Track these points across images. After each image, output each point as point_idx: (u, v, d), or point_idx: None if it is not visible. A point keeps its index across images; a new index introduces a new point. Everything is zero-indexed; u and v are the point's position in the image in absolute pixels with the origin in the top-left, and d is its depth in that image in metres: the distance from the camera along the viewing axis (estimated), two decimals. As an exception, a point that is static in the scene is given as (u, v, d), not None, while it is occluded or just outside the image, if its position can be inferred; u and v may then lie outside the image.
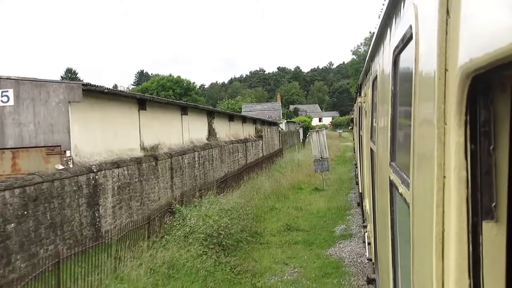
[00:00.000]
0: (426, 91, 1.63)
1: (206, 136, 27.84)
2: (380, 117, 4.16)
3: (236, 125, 36.27)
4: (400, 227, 2.81)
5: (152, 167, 18.38)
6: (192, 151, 23.56)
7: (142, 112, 18.79)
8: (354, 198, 21.59)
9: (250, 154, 38.59)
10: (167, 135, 21.50)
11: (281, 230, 16.54)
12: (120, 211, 15.70)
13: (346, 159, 43.02)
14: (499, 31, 0.94)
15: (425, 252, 1.59)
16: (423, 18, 1.76)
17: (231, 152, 31.85)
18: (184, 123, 24.01)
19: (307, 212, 19.80)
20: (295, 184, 26.53)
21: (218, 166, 28.33)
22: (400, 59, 2.66)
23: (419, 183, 1.81)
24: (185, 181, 22.30)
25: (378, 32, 4.13)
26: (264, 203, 20.57)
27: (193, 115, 25.65)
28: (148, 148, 18.93)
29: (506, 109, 1.20)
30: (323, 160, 25.76)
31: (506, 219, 1.20)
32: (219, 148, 28.69)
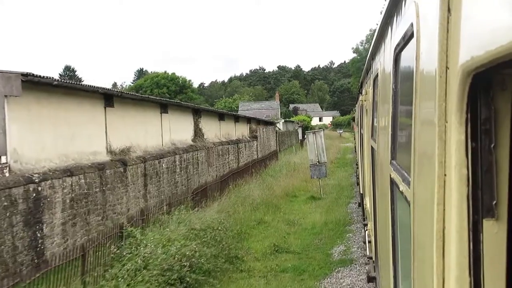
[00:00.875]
0: (427, 89, 1.64)
1: (191, 137, 25.20)
2: (381, 115, 4.16)
3: (228, 124, 33.43)
4: (401, 225, 2.81)
5: (119, 174, 15.74)
6: (173, 154, 20.87)
7: (109, 110, 16.17)
8: (355, 209, 19.14)
9: (243, 156, 35.56)
10: (143, 136, 19.00)
11: (267, 253, 13.79)
12: (74, 228, 13.01)
13: (346, 162, 39.92)
14: (500, 29, 0.94)
15: (425, 250, 1.60)
16: (424, 16, 1.76)
17: (220, 154, 29.04)
18: (164, 122, 21.40)
19: (300, 227, 16.94)
20: (289, 191, 23.89)
21: (204, 170, 25.50)
22: (401, 57, 2.66)
23: (419, 181, 1.81)
24: (162, 188, 19.61)
25: (379, 30, 4.13)
26: (250, 216, 17.81)
27: (176, 113, 22.93)
28: (117, 151, 16.47)
29: (506, 107, 1.21)
30: (321, 165, 22.87)
31: (507, 217, 1.20)
32: (206, 150, 25.91)
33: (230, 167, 30.50)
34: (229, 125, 33.88)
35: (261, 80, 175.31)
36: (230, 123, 34.11)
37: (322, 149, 23.19)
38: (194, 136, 25.51)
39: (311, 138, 23.42)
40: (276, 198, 21.60)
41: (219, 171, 28.03)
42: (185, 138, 24.10)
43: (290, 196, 23.20)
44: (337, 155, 45.85)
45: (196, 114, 26.16)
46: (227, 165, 30.48)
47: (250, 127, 40.94)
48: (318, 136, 23.16)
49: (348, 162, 39.96)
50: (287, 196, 22.98)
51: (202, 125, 26.56)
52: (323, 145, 23.32)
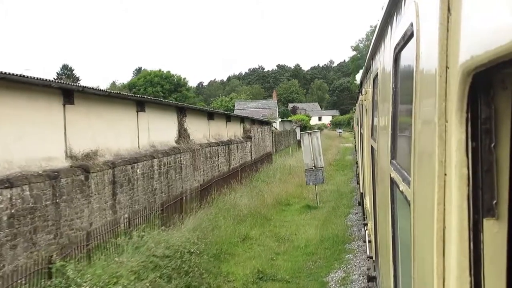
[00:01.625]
0: (427, 89, 1.64)
1: (175, 138, 22.99)
2: (381, 115, 4.17)
3: (218, 124, 31.04)
4: (401, 224, 2.82)
5: (79, 183, 13.38)
6: (150, 158, 18.64)
7: (70, 108, 13.85)
8: (356, 221, 16.87)
9: (235, 158, 33.20)
10: (114, 138, 16.71)
11: (249, 281, 11.33)
12: (14, 251, 10.67)
13: (346, 164, 37.27)
14: (500, 28, 0.95)
15: (426, 249, 1.60)
16: (424, 15, 1.76)
17: (208, 157, 26.69)
18: (142, 122, 19.16)
19: (291, 245, 14.31)
20: (282, 199, 21.43)
21: (189, 174, 23.15)
22: (401, 56, 2.66)
23: (420, 180, 1.81)
24: (137, 197, 17.27)
25: (379, 29, 4.14)
26: (234, 231, 15.13)
27: (155, 112, 20.73)
28: (80, 156, 14.21)
29: (507, 107, 1.21)
30: (317, 169, 20.45)
31: (507, 216, 1.20)
32: (192, 153, 23.59)
33: (220, 171, 28.18)
34: (220, 125, 31.61)
35: (260, 79, 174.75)
36: (220, 123, 31.87)
37: (319, 152, 20.69)
38: (178, 137, 23.34)
39: (306, 139, 20.98)
40: (266, 207, 19.16)
41: (207, 175, 25.86)
42: (167, 140, 21.89)
43: (283, 204, 20.80)
44: (336, 156, 43.34)
45: (181, 113, 23.92)
46: (216, 169, 28.18)
47: (243, 127, 38.80)
48: (314, 138, 20.66)
49: (347, 164, 37.53)
50: (280, 204, 20.59)
51: (188, 125, 24.40)
52: (319, 148, 20.82)
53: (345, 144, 59.54)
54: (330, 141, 59.45)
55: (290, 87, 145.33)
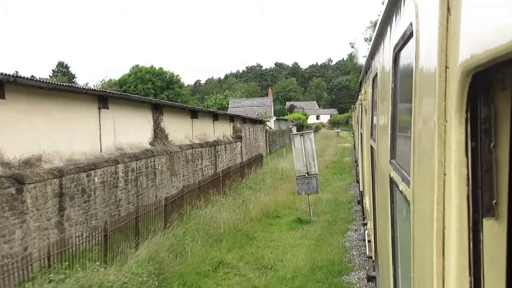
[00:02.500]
0: (426, 89, 1.64)
1: (149, 139, 20.29)
2: (380, 114, 4.16)
3: (204, 123, 28.31)
4: (401, 224, 2.81)
5: (8, 198, 10.80)
6: (113, 163, 15.88)
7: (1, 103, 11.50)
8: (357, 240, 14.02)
9: (223, 160, 30.43)
10: (66, 140, 14.06)
11: None
12: None
13: (344, 167, 33.50)
14: (499, 28, 0.95)
15: (425, 249, 1.60)
16: (424, 15, 1.76)
17: (190, 160, 24.01)
18: (105, 120, 16.44)
19: (275, 275, 11.35)
20: (271, 210, 18.14)
21: (165, 181, 20.59)
22: (401, 56, 2.66)
23: (419, 180, 1.81)
24: (94, 211, 14.57)
25: (378, 29, 4.14)
26: (206, 255, 12.29)
27: (123, 109, 18.02)
28: (16, 163, 11.70)
29: (506, 107, 1.21)
30: (310, 177, 17.51)
31: (507, 216, 1.21)
32: (169, 156, 20.93)
33: (204, 175, 25.50)
34: (206, 124, 28.92)
35: (257, 77, 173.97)
36: (206, 122, 29.11)
37: (313, 157, 17.74)
38: (153, 138, 20.69)
39: (297, 142, 17.87)
40: (250, 222, 16.18)
41: (188, 180, 23.26)
42: (140, 141, 19.22)
43: (271, 217, 17.69)
44: (333, 157, 39.68)
45: (157, 111, 21.31)
46: (199, 173, 25.49)
47: (233, 126, 36.02)
48: (307, 140, 17.72)
49: (346, 167, 33.65)
50: (267, 217, 17.54)
51: (165, 124, 21.76)
52: (313, 151, 17.85)
53: (343, 144, 56.56)
54: (328, 141, 57.21)
55: (288, 85, 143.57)
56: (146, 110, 20.54)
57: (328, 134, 74.85)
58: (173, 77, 79.79)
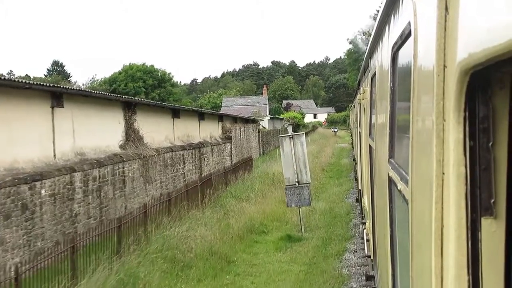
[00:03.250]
0: (424, 88, 1.64)
1: (120, 142, 18.01)
2: (379, 114, 4.17)
3: (187, 123, 26.01)
4: (399, 223, 2.81)
5: None
6: (68, 171, 13.51)
7: None
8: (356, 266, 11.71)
9: (209, 163, 28.14)
10: (6, 145, 11.86)
11: None
12: None
13: (341, 170, 30.45)
14: (497, 27, 0.95)
15: (424, 248, 1.60)
16: (422, 14, 1.76)
17: (169, 164, 21.72)
18: (61, 121, 14.10)
19: None
20: (257, 224, 15.79)
21: (138, 189, 18.24)
22: (399, 55, 2.66)
23: (418, 179, 1.82)
24: (40, 230, 12.27)
25: (377, 28, 4.14)
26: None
27: (85, 108, 15.66)
28: None
29: (504, 106, 1.21)
30: (302, 187, 15.08)
31: (505, 215, 1.20)
32: (142, 161, 18.59)
33: (187, 180, 23.17)
34: (190, 124, 26.62)
35: (254, 76, 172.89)
36: (190, 122, 26.87)
37: (304, 163, 15.31)
38: (125, 141, 18.36)
39: (286, 145, 15.38)
40: (230, 241, 13.65)
41: (167, 187, 20.97)
42: (107, 144, 16.96)
43: (256, 232, 15.27)
44: (330, 159, 36.83)
45: (129, 110, 18.96)
46: (181, 178, 23.19)
47: (222, 126, 33.78)
48: (297, 143, 15.28)
49: (343, 169, 30.63)
50: (252, 232, 15.12)
51: (140, 124, 19.49)
52: (305, 157, 15.38)
53: (341, 144, 54.09)
54: (324, 141, 55.33)
55: (284, 83, 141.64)
56: (116, 109, 18.15)
57: (325, 134, 73.65)
58: (165, 75, 77.60)
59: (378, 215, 4.57)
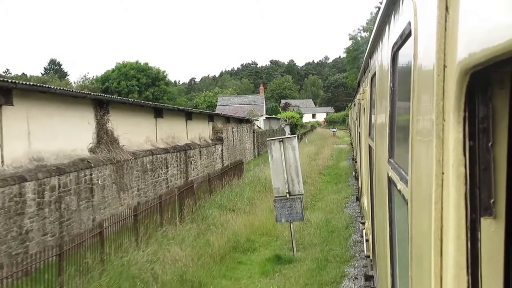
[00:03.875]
0: (424, 88, 1.64)
1: (89, 145, 15.97)
2: (379, 114, 4.17)
3: (172, 123, 23.99)
4: (398, 223, 2.82)
5: None
6: (17, 181, 11.43)
7: None
8: None
9: (197, 167, 25.86)
10: None
11: None
12: None
13: (340, 174, 28.01)
14: (497, 27, 0.95)
15: (423, 248, 1.60)
16: (422, 14, 1.76)
17: (149, 169, 19.45)
18: (10, 122, 12.07)
19: None
20: (242, 240, 13.68)
21: (109, 198, 16.04)
22: (399, 55, 2.66)
23: (417, 179, 1.81)
24: None
25: (377, 28, 4.15)
26: None
27: (44, 106, 13.62)
28: None
29: (504, 106, 1.21)
30: (293, 199, 12.85)
31: (505, 215, 1.21)
32: (115, 166, 16.53)
33: (170, 186, 21.02)
34: (175, 125, 24.61)
35: (252, 75, 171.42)
36: (176, 122, 24.80)
37: (296, 171, 12.98)
38: (96, 144, 16.34)
39: (276, 150, 13.10)
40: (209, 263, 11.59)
41: (146, 195, 18.82)
42: (73, 148, 14.87)
43: (241, 250, 13.13)
44: (328, 161, 34.16)
45: (101, 108, 16.86)
46: (163, 184, 20.93)
47: (213, 127, 31.68)
48: (288, 147, 13.01)
49: (342, 173, 27.91)
50: (236, 251, 13.05)
51: (114, 125, 17.39)
52: (297, 163, 13.01)
53: (340, 145, 51.31)
54: (323, 142, 52.82)
55: (283, 82, 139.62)
56: (85, 108, 15.98)
57: (323, 134, 70.89)
58: (159, 73, 75.28)
59: (377, 215, 4.57)
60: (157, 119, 22.05)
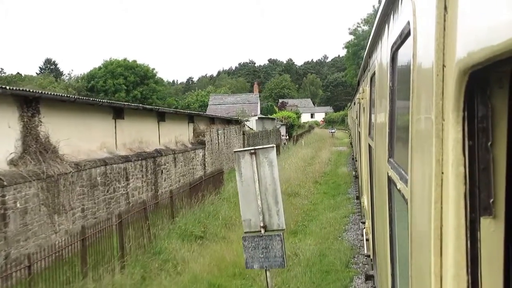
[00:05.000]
0: (424, 87, 1.64)
1: (10, 156, 12.51)
2: (378, 113, 4.18)
3: (138, 125, 20.10)
4: (398, 223, 2.82)
5: None
6: None
7: None
8: None
9: (170, 176, 22.18)
10: None
11: None
12: None
13: (339, 183, 23.85)
14: (496, 27, 0.95)
15: (423, 248, 1.60)
16: (421, 14, 1.76)
17: (99, 184, 15.57)
18: None
19: None
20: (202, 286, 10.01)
21: (36, 226, 12.40)
22: (398, 55, 2.67)
23: (417, 179, 1.82)
24: None
25: (376, 28, 4.15)
26: None
27: None
28: None
29: (503, 105, 1.21)
30: (271, 236, 8.34)
31: (504, 215, 1.21)
32: (46, 183, 12.87)
33: (132, 202, 17.27)
34: (144, 127, 20.89)
35: (250, 74, 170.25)
36: (145, 124, 20.98)
37: (275, 196, 8.58)
38: (20, 153, 12.86)
39: (245, 166, 8.75)
40: None
41: (96, 215, 15.16)
42: None
43: None
44: (325, 166, 30.12)
45: (28, 107, 13.35)
46: (121, 200, 17.09)
47: (194, 129, 27.84)
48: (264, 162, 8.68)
49: (341, 182, 23.85)
50: None
51: (50, 129, 13.98)
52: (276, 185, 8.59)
53: (339, 147, 46.29)
54: (321, 143, 49.08)
55: (281, 82, 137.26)
56: (5, 106, 12.52)
57: (322, 135, 66.11)
58: (149, 71, 72.09)
59: (377, 214, 4.58)
60: (116, 120, 18.26)
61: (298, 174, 24.07)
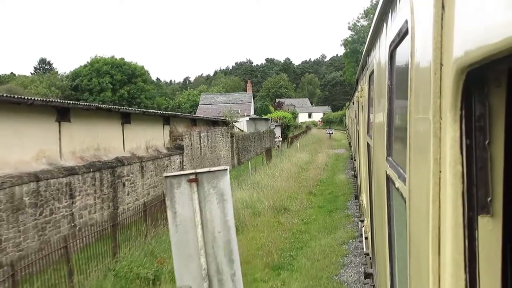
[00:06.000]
0: (421, 86, 1.64)
1: None
2: (377, 112, 4.18)
3: (94, 129, 17.11)
4: (397, 221, 2.82)
5: None
6: None
7: None
8: None
9: (136, 189, 18.81)
10: None
11: None
12: None
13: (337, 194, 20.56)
14: (494, 25, 0.95)
15: (421, 246, 1.60)
16: (419, 12, 1.76)
17: (26, 206, 12.49)
18: None
19: None
20: None
21: None
22: (396, 53, 2.67)
23: (415, 178, 1.82)
24: None
25: (374, 26, 4.15)
26: None
27: None
28: None
29: (501, 104, 1.21)
30: None
31: (502, 213, 1.21)
32: None
33: (79, 224, 14.65)
34: (102, 131, 17.70)
35: (247, 73, 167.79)
36: (103, 127, 17.77)
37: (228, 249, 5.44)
38: None
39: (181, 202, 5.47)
40: None
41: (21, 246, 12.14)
42: None
43: None
44: (321, 173, 27.41)
45: None
46: (63, 224, 14.07)
47: (171, 132, 24.40)
48: (211, 195, 5.46)
49: (340, 193, 20.70)
50: None
51: None
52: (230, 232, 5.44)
53: (337, 150, 42.30)
54: (317, 146, 45.22)
55: (278, 81, 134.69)
56: None
57: (319, 136, 61.76)
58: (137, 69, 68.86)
59: (376, 213, 4.58)
60: (61, 123, 15.28)
61: (290, 183, 21.53)
